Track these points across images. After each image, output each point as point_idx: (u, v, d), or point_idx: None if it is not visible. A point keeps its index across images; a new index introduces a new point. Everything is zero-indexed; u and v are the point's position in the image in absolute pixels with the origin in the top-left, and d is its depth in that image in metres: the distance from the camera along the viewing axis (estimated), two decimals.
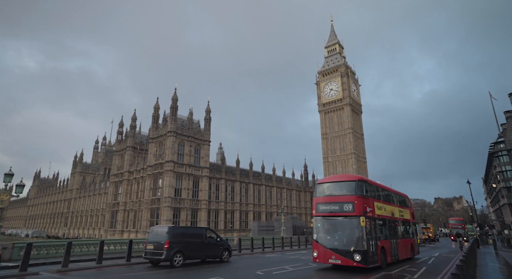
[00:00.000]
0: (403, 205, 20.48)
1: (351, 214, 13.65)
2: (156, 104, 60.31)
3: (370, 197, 14.89)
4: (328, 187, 15.29)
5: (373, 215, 14.52)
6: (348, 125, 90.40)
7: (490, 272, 14.58)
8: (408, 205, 21.65)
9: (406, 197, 21.74)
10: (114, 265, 15.14)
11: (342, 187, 14.82)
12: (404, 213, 19.94)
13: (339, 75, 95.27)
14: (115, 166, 66.77)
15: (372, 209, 14.61)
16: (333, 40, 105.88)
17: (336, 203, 14.36)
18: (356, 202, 13.74)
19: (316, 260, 14.35)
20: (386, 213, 16.52)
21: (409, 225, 20.43)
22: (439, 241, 60.36)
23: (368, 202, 14.40)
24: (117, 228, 59.83)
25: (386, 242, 15.57)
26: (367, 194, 14.62)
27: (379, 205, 15.66)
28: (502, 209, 62.88)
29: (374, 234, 14.21)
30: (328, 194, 15.02)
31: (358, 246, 13.18)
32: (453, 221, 64.49)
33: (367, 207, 14.03)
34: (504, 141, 59.13)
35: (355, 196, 13.94)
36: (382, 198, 16.87)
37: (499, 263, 19.47)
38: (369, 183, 15.68)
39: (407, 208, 20.95)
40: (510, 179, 57.56)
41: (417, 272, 13.95)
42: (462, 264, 6.86)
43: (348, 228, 13.74)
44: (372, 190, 15.71)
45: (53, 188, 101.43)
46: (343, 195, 14.39)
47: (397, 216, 18.22)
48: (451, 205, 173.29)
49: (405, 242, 18.84)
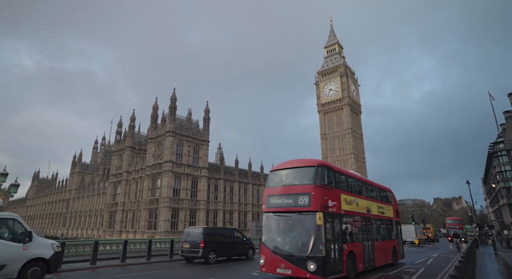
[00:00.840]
0: (385, 200, 17.36)
1: (306, 209, 10.43)
2: (155, 104, 60.19)
3: (335, 188, 11.75)
4: (281, 175, 11.94)
5: (338, 211, 11.39)
6: (347, 125, 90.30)
7: (490, 273, 14.43)
8: (391, 200, 18.53)
9: (389, 191, 18.63)
10: (109, 265, 14.97)
11: (298, 175, 11.55)
12: (386, 210, 16.81)
13: (339, 75, 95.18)
14: (114, 166, 66.59)
15: (338, 204, 11.47)
16: (332, 40, 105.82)
17: (289, 195, 11.05)
18: (314, 193, 10.49)
19: (262, 269, 11.03)
20: (359, 209, 13.40)
21: (391, 225, 17.36)
22: (439, 241, 60.26)
23: (332, 194, 11.25)
24: (115, 229, 59.62)
25: (356, 245, 12.56)
26: (331, 184, 11.47)
27: (348, 199, 12.56)
28: (502, 209, 62.76)
29: (338, 235, 11.14)
30: (281, 184, 11.69)
31: (314, 252, 9.98)
32: (450, 221, 60.79)
33: (329, 201, 10.88)
34: (504, 141, 59.03)
35: (312, 186, 10.65)
36: (354, 191, 13.77)
37: (498, 264, 19.32)
38: (335, 170, 12.27)
39: (389, 204, 17.83)
40: (510, 179, 57.45)
41: (416, 273, 13.80)
42: (460, 266, 6.70)
43: (303, 228, 10.57)
44: (340, 180, 12.59)
45: (52, 188, 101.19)
46: (298, 185, 11.09)
47: (375, 213, 15.16)
48: (451, 205, 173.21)
49: (385, 244, 15.81)
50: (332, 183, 11.60)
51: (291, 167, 11.92)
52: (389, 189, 18.88)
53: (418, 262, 18.46)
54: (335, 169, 12.37)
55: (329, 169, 11.65)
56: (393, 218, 17.79)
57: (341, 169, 13.34)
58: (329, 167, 11.75)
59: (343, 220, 11.82)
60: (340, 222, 11.48)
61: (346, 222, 12.15)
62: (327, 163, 11.96)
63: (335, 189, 11.69)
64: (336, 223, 11.17)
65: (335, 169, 12.28)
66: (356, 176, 14.68)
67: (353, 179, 14.07)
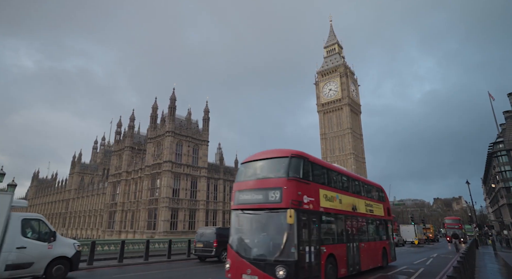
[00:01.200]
0: (374, 197, 16.10)
1: (277, 205, 9.04)
2: (154, 104, 60.14)
3: (313, 182, 10.38)
4: (252, 168, 10.59)
5: (316, 208, 10.02)
6: (347, 125, 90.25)
7: (489, 273, 14.35)
8: (382, 198, 17.26)
9: (379, 187, 17.42)
10: (106, 266, 14.89)
11: (270, 167, 10.19)
12: (375, 208, 15.49)
13: (338, 75, 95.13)
14: (113, 166, 66.50)
15: (316, 200, 10.14)
16: (332, 40, 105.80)
17: (259, 190, 9.66)
18: (286, 188, 9.11)
19: (227, 275, 9.56)
20: (343, 207, 12.06)
21: (381, 224, 16.11)
22: (439, 241, 60.23)
23: (308, 189, 9.90)
24: (115, 229, 59.54)
25: (338, 247, 11.21)
26: (307, 177, 10.11)
27: (329, 195, 11.17)
28: (501, 210, 62.68)
29: (316, 236, 9.76)
30: (251, 177, 10.31)
31: (285, 255, 8.55)
32: (449, 221, 58.56)
33: (305, 196, 9.53)
34: (503, 141, 58.97)
35: (284, 179, 9.26)
36: (337, 186, 12.39)
37: (498, 264, 19.23)
38: (314, 162, 10.82)
39: (379, 201, 16.50)
40: (509, 179, 57.39)
41: (415, 273, 13.72)
42: (459, 266, 6.61)
43: (274, 227, 9.18)
44: (319, 173, 11.23)
45: (52, 189, 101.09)
46: (269, 179, 9.71)
47: (362, 212, 13.83)
48: (450, 205, 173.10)
49: (374, 246, 14.52)
50: (309, 177, 10.21)
51: (262, 159, 10.45)
52: (380, 186, 17.66)
53: (417, 262, 18.39)
54: (314, 160, 10.83)
55: (306, 161, 10.20)
56: (384, 217, 16.55)
57: (321, 161, 11.83)
58: (306, 158, 10.25)
59: (322, 219, 10.48)
60: (318, 221, 10.05)
61: (326, 221, 10.84)
62: (303, 153, 10.30)
63: (312, 183, 10.28)
64: (313, 222, 9.75)
65: (313, 160, 10.78)
66: (340, 170, 13.19)
67: (336, 173, 12.61)
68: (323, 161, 12.06)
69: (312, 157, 10.85)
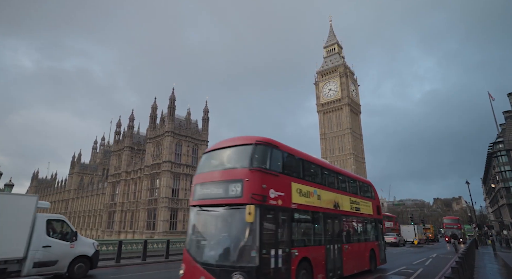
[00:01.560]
0: (361, 194, 14.63)
1: (237, 201, 7.67)
2: (153, 104, 60.12)
3: (284, 174, 8.95)
4: (214, 158, 9.29)
5: (286, 204, 8.59)
6: (347, 125, 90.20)
7: (489, 274, 14.28)
8: (371, 195, 15.76)
9: (368, 184, 16.07)
10: (103, 266, 14.82)
11: (233, 156, 8.80)
12: (362, 206, 14.08)
13: (338, 75, 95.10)
14: (113, 167, 66.44)
15: (286, 195, 8.71)
16: (332, 40, 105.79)
17: (219, 183, 8.28)
18: (248, 180, 7.73)
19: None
20: (322, 204, 10.58)
21: (369, 223, 14.66)
22: (439, 241, 60.19)
23: (277, 181, 8.46)
24: (114, 229, 59.48)
25: (315, 250, 9.81)
26: (276, 168, 8.68)
27: (305, 190, 9.69)
28: (501, 210, 62.62)
29: (285, 236, 8.38)
30: (212, 168, 8.98)
31: (244, 260, 7.24)
32: (447, 221, 57.24)
33: (272, 190, 8.09)
34: (503, 141, 58.92)
35: (246, 170, 7.88)
36: (316, 180, 10.97)
37: (497, 264, 19.16)
38: (285, 151, 9.41)
39: (367, 199, 15.04)
40: (509, 179, 57.34)
41: (414, 273, 13.65)
42: (457, 267, 6.54)
43: (233, 227, 7.82)
44: (293, 165, 9.82)
45: (51, 189, 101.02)
46: (230, 169, 8.39)
47: (346, 210, 12.35)
48: (450, 205, 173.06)
49: (360, 248, 13.15)
50: (279, 168, 8.82)
51: (224, 147, 9.10)
52: (369, 182, 16.39)
53: (416, 263, 18.31)
54: (285, 149, 9.43)
55: (274, 149, 8.82)
56: (373, 215, 15.11)
57: (296, 150, 10.21)
58: (275, 146, 8.86)
59: (295, 217, 9.07)
60: (289, 219, 8.63)
61: (300, 220, 9.45)
62: (271, 140, 8.90)
63: (283, 175, 8.85)
64: (282, 220, 8.37)
65: (284, 149, 9.35)
66: (319, 162, 11.67)
67: (314, 165, 11.12)
68: (298, 151, 10.33)
69: (284, 145, 9.42)
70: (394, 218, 50.18)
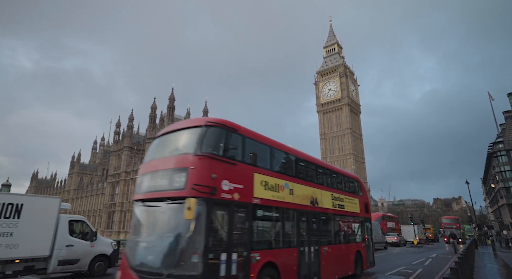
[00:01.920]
0: (346, 190, 13.11)
1: (181, 193, 6.22)
2: (153, 104, 60.18)
3: (243, 162, 7.41)
4: (162, 143, 7.81)
5: (245, 198, 7.12)
6: (347, 125, 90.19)
7: (488, 274, 14.23)
8: (358, 191, 14.30)
9: (355, 179, 14.68)
10: None
11: (181, 141, 7.35)
12: (347, 203, 12.56)
13: (338, 75, 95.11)
14: (112, 167, 66.43)
15: (246, 187, 7.27)
16: (331, 40, 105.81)
17: (164, 172, 6.85)
18: (193, 168, 6.33)
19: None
20: (295, 199, 9.08)
21: (355, 223, 13.24)
22: (439, 241, 60.12)
23: (234, 172, 7.02)
24: (113, 229, 59.45)
25: (284, 253, 8.24)
26: (233, 156, 7.12)
27: (272, 183, 8.17)
28: (501, 210, 62.60)
29: (243, 238, 6.93)
30: (158, 155, 7.50)
31: (183, 267, 5.82)
32: (446, 220, 55.75)
33: (225, 182, 6.66)
34: (503, 141, 58.92)
35: (192, 156, 6.45)
36: (289, 172, 9.45)
37: (497, 265, 19.11)
38: (245, 135, 7.76)
39: (353, 195, 13.55)
40: (509, 179, 57.32)
41: (413, 274, 13.59)
42: (456, 267, 6.48)
43: (175, 226, 6.33)
44: (257, 152, 8.18)
45: (51, 189, 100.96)
46: (176, 156, 6.92)
47: (326, 207, 10.86)
48: (450, 205, 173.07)
49: (343, 250, 11.66)
50: (237, 155, 7.29)
51: (174, 130, 7.67)
52: (356, 177, 14.98)
53: (416, 263, 18.25)
54: (247, 134, 7.84)
55: (232, 133, 7.30)
56: (359, 214, 13.61)
57: (262, 136, 8.63)
58: (232, 129, 7.32)
59: (257, 214, 7.68)
60: (249, 217, 7.17)
61: (264, 218, 8.09)
62: (228, 122, 7.35)
63: (242, 164, 7.35)
64: (238, 218, 7.03)
65: (246, 133, 7.78)
66: (293, 151, 10.00)
67: (286, 154, 9.60)
68: (266, 137, 8.78)
69: (246, 129, 7.83)
70: (395, 219, 50.20)
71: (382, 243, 31.74)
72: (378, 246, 29.72)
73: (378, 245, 29.96)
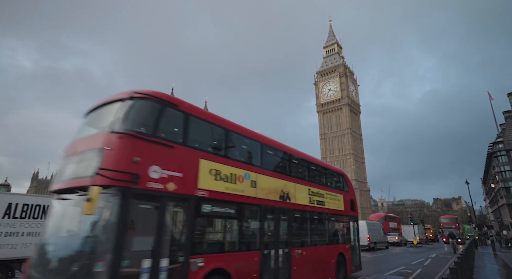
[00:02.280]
0: (328, 185, 11.63)
1: (87, 182, 4.77)
2: None
3: (182, 145, 5.93)
4: (87, 121, 6.45)
5: (184, 190, 5.74)
6: (347, 125, 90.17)
7: (488, 274, 14.18)
8: (342, 186, 12.66)
9: (340, 172, 13.02)
10: None
11: (100, 118, 6.03)
12: (329, 200, 11.06)
13: (338, 75, 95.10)
14: None
15: (188, 176, 5.87)
16: (331, 40, 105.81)
17: (78, 155, 5.58)
18: (109, 149, 4.94)
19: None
20: (259, 193, 7.66)
21: (338, 222, 11.74)
22: (439, 241, 60.11)
23: (169, 156, 5.60)
24: None
25: (239, 258, 6.84)
26: (168, 136, 5.81)
27: (226, 172, 6.79)
28: (501, 210, 62.58)
29: (178, 239, 5.64)
30: (77, 137, 6.15)
31: (86, 277, 4.32)
32: (445, 220, 54.17)
33: (154, 168, 5.22)
34: (503, 141, 58.91)
35: (109, 134, 5.15)
36: (251, 159, 7.99)
37: (497, 265, 19.07)
38: (188, 111, 6.25)
39: (337, 191, 11.97)
40: (509, 179, 57.31)
41: (412, 274, 13.55)
42: (456, 267, 6.45)
43: (81, 224, 5.00)
44: (205, 134, 6.93)
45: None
46: (94, 136, 5.75)
47: (301, 203, 9.37)
48: (450, 205, 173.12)
49: (321, 252, 10.16)
50: (175, 136, 5.94)
51: (98, 106, 6.24)
52: (341, 171, 13.27)
53: (415, 263, 18.22)
54: (192, 111, 6.33)
55: (168, 107, 5.82)
56: (344, 212, 12.05)
57: (214, 115, 7.22)
58: (170, 104, 5.86)
59: (204, 210, 6.16)
60: (190, 213, 5.75)
61: (215, 214, 6.63)
62: (164, 95, 5.86)
63: (181, 147, 5.85)
64: (174, 214, 5.78)
65: (190, 110, 6.27)
66: (258, 136, 8.40)
67: (249, 139, 8.05)
68: (220, 117, 7.29)
69: (189, 104, 6.34)
70: (397, 219, 50.32)
71: (384, 242, 31.99)
72: (379, 245, 29.96)
73: (380, 245, 30.15)
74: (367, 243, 27.49)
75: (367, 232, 27.68)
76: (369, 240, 27.94)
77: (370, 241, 28.10)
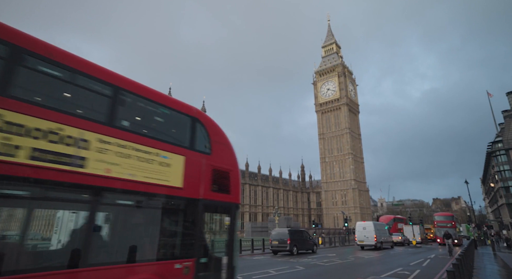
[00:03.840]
0: (143, 132, 5.11)
1: None
2: None
3: None
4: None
5: None
6: (345, 125, 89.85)
7: (488, 275, 13.77)
8: (191, 140, 5.84)
9: (186, 112, 5.92)
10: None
11: None
12: (138, 163, 4.65)
13: (336, 74, 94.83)
14: None
15: None
16: (330, 39, 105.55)
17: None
18: None
19: None
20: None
21: (168, 213, 5.29)
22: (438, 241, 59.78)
23: None
24: None
25: None
26: None
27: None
28: (500, 209, 62.26)
29: None
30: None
31: None
32: (439, 218, 44.11)
33: None
34: (502, 140, 58.57)
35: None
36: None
37: (497, 265, 18.67)
38: None
39: (167, 145, 5.25)
40: (508, 179, 56.96)
41: (410, 275, 13.12)
42: (453, 270, 6.01)
43: None
44: None
45: None
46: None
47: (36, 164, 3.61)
48: (450, 205, 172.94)
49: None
50: None
51: None
52: (192, 110, 6.07)
53: (413, 264, 17.79)
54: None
55: None
56: (182, 191, 5.27)
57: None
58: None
59: None
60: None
61: None
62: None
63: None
64: None
65: None
66: None
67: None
68: None
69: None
70: (404, 220, 50.28)
71: (390, 242, 33.32)
72: (385, 245, 31.43)
73: (386, 244, 31.58)
74: (374, 243, 28.78)
75: (374, 232, 28.98)
76: (376, 240, 29.05)
77: (377, 241, 29.19)
